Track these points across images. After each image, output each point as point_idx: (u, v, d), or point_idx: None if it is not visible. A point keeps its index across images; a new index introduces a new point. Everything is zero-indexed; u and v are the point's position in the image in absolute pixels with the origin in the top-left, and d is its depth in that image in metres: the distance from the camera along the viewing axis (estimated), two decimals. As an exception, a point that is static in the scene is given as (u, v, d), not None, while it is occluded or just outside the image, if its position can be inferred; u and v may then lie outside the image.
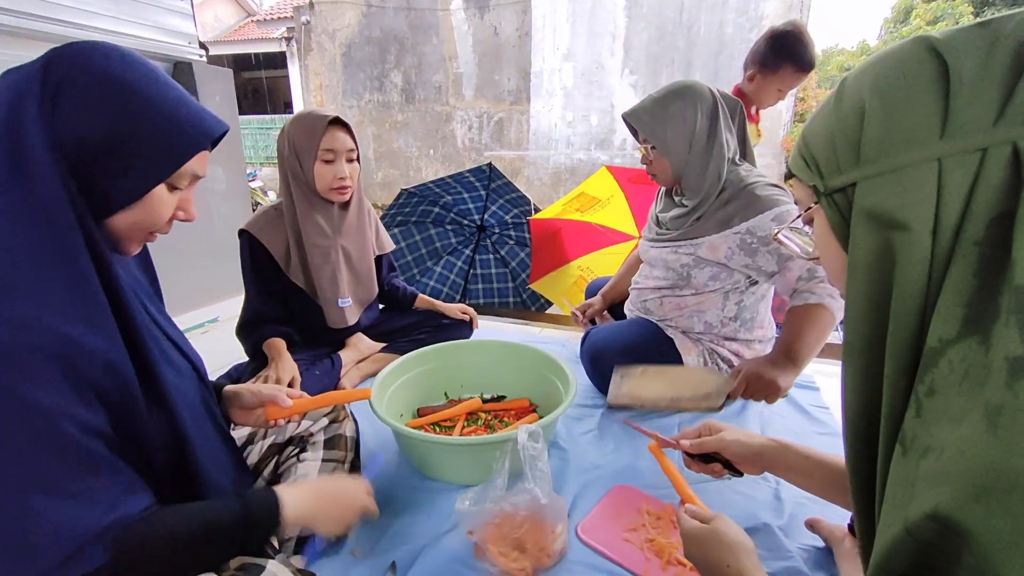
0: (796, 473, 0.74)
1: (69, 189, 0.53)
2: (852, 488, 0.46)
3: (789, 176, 0.51)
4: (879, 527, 0.39)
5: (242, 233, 1.41)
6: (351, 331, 1.56)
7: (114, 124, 0.55)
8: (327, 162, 1.34)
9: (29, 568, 0.48)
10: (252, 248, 1.39)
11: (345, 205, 1.45)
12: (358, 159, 1.40)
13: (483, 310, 2.94)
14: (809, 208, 0.50)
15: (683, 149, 1.21)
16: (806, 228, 0.56)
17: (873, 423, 0.42)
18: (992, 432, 0.32)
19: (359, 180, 1.45)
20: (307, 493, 0.70)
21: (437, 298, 1.85)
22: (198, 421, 0.69)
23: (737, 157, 1.27)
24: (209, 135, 0.62)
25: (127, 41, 1.90)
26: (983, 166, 0.36)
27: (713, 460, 0.81)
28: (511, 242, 3.04)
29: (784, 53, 1.57)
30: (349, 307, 1.50)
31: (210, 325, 2.01)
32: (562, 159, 7.60)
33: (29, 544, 0.48)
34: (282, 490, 0.68)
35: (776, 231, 0.61)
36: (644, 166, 1.32)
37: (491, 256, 3.10)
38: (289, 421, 0.90)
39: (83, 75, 0.55)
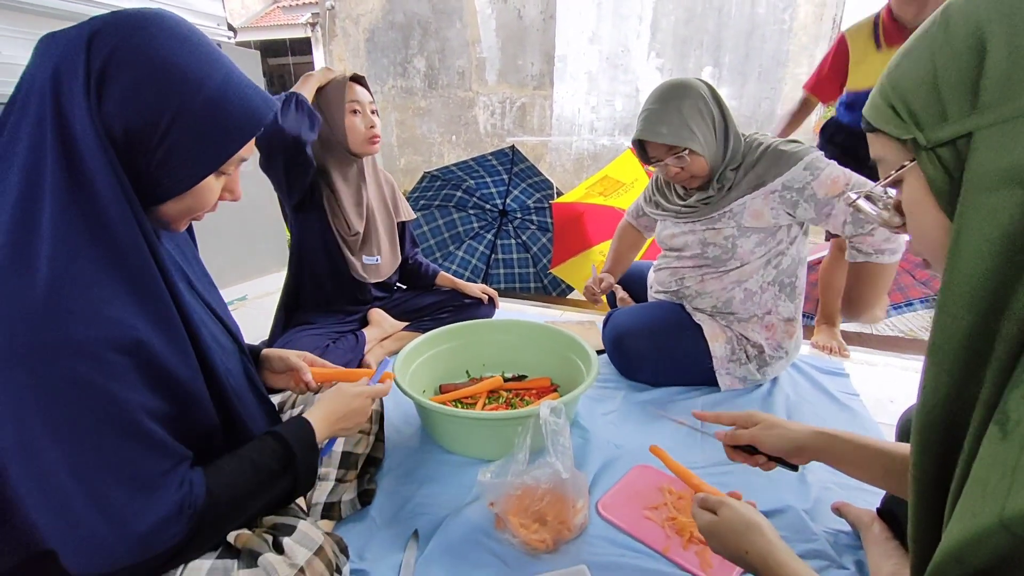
0: (849, 463, 0.69)
1: (121, 181, 0.52)
2: (916, 475, 0.41)
3: (871, 129, 0.44)
4: (958, 514, 0.35)
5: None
6: (374, 305, 1.59)
7: (161, 115, 0.53)
8: (355, 113, 1.38)
9: (108, 554, 0.50)
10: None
11: (371, 166, 1.51)
12: (376, 112, 1.45)
13: (504, 295, 2.94)
14: (902, 167, 0.41)
15: (712, 140, 1.20)
16: (888, 191, 0.47)
17: (964, 407, 0.37)
18: None
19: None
20: (322, 416, 0.74)
21: None
22: (241, 395, 0.70)
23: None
24: (259, 122, 0.60)
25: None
26: None
27: (756, 451, 0.75)
28: (533, 227, 3.03)
29: None
30: (376, 265, 1.54)
31: (239, 303, 2.06)
32: (585, 145, 7.50)
33: (107, 530, 0.50)
34: (311, 415, 0.72)
35: (854, 197, 0.50)
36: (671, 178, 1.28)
37: (513, 241, 3.09)
38: (319, 390, 0.92)
39: (129, 58, 0.51)
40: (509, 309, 2.03)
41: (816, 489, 0.97)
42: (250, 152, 0.63)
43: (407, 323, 1.63)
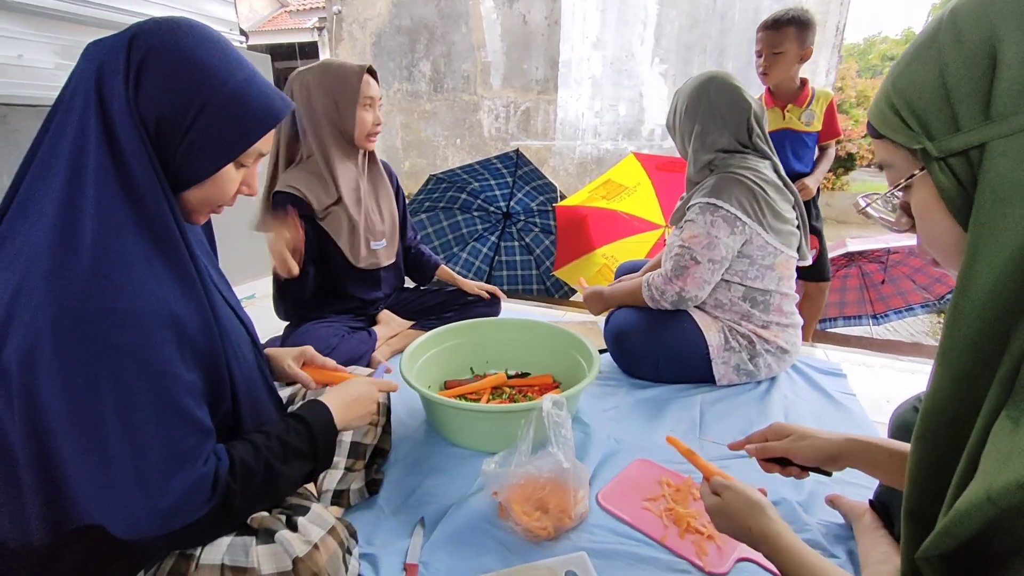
0: (884, 469, 0.68)
1: (154, 164, 0.57)
2: (915, 466, 0.42)
3: (877, 136, 0.44)
4: (958, 502, 0.36)
5: (282, 195, 1.39)
6: (381, 305, 1.62)
7: (190, 104, 0.58)
8: (366, 108, 1.40)
9: (134, 522, 0.53)
10: (295, 207, 1.38)
11: (369, 157, 1.54)
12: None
13: (508, 296, 2.98)
14: (912, 176, 0.41)
15: (676, 136, 1.35)
16: (895, 194, 0.46)
17: (970, 406, 0.38)
18: None
19: None
20: (336, 403, 0.78)
21: None
22: (253, 384, 0.74)
23: (736, 146, 1.32)
24: (276, 116, 0.65)
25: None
26: None
27: (789, 463, 0.75)
28: (536, 229, 3.06)
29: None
30: (383, 249, 1.56)
31: (247, 301, 2.10)
32: (589, 149, 7.54)
33: (139, 497, 0.53)
34: (328, 400, 0.76)
35: (863, 204, 0.51)
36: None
37: (516, 243, 3.12)
38: (327, 385, 0.96)
39: (165, 53, 0.57)
40: (513, 308, 2.06)
41: (810, 483, 1.00)
42: (268, 147, 0.67)
43: (413, 322, 1.66)
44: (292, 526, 0.64)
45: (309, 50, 9.24)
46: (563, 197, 2.81)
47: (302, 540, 0.61)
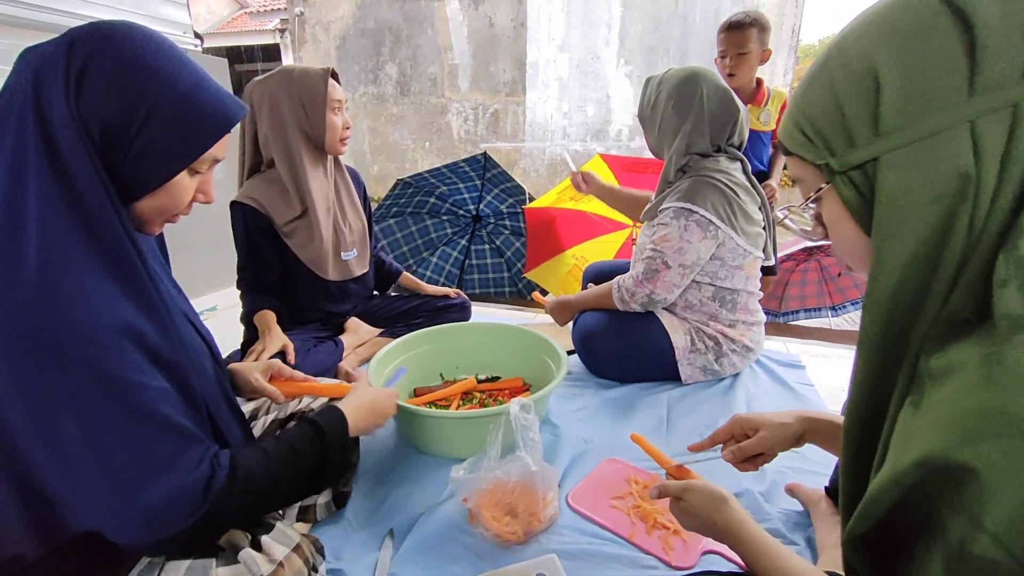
0: (830, 442, 0.72)
1: (100, 174, 0.55)
2: (846, 460, 0.45)
3: (788, 153, 0.48)
4: (870, 485, 0.40)
5: (239, 205, 1.36)
6: (349, 314, 1.60)
7: (136, 111, 0.56)
8: (335, 111, 1.37)
9: (122, 529, 0.52)
10: (252, 220, 1.37)
11: (335, 163, 1.50)
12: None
13: (479, 299, 2.97)
14: (820, 188, 0.45)
15: (655, 131, 1.35)
16: (809, 206, 0.50)
17: (885, 395, 0.41)
18: (987, 381, 0.33)
19: None
20: (353, 408, 0.78)
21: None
22: (213, 399, 0.72)
23: (711, 150, 1.34)
24: (230, 120, 0.63)
25: (122, 32, 1.91)
26: (1016, 124, 0.34)
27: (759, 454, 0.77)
28: (506, 232, 3.07)
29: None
30: (354, 259, 1.54)
31: (209, 313, 2.04)
32: (558, 150, 7.60)
33: (116, 503, 0.52)
34: (342, 406, 0.76)
35: (781, 216, 0.57)
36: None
37: (487, 246, 3.13)
38: (296, 398, 0.94)
39: (106, 59, 0.55)
40: (483, 313, 2.06)
41: (772, 473, 1.03)
42: (223, 153, 0.65)
43: (382, 330, 1.65)
44: (256, 545, 0.62)
45: (270, 52, 9.03)
46: (532, 199, 2.83)
47: (266, 559, 0.60)
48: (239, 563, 0.58)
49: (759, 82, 1.87)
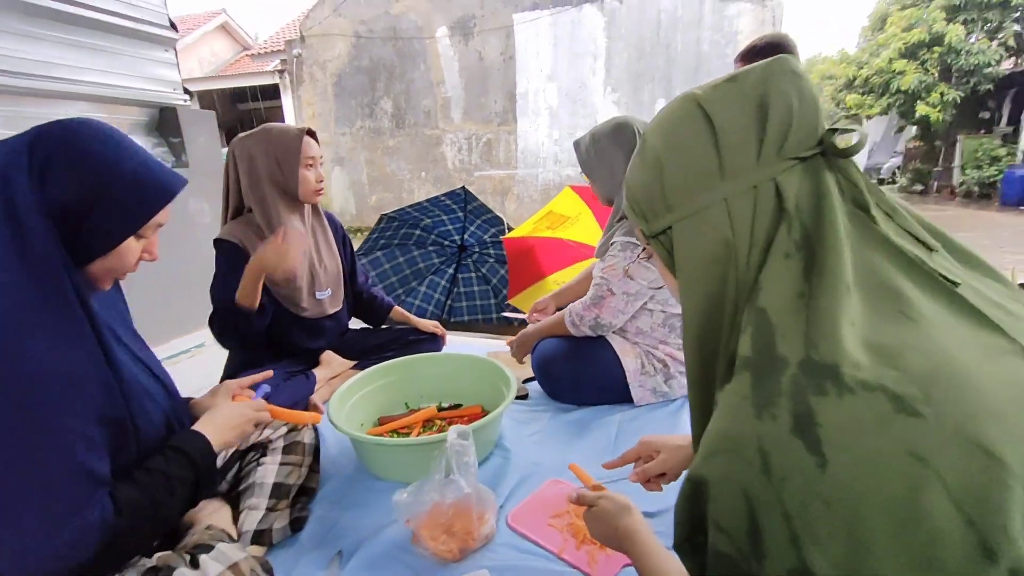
0: None
1: (57, 245, 0.66)
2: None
3: (624, 217, 0.58)
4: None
5: (223, 242, 1.48)
6: (323, 349, 1.69)
7: (90, 192, 0.68)
8: (308, 167, 1.50)
9: (27, 562, 0.60)
10: (235, 256, 1.47)
11: (312, 209, 1.62)
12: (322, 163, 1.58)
13: (468, 327, 3.05)
14: (645, 246, 0.56)
15: (599, 174, 1.42)
16: (643, 258, 0.62)
17: (707, 406, 0.49)
18: (720, 410, 0.42)
19: None
20: (209, 426, 0.83)
21: (423, 316, 2.00)
22: (158, 432, 0.80)
23: None
24: (170, 193, 0.75)
25: (118, 92, 2.07)
26: (757, 199, 0.44)
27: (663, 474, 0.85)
28: (491, 260, 3.17)
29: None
30: (328, 297, 1.64)
31: (196, 350, 2.15)
32: (551, 176, 7.78)
33: (21, 546, 0.60)
34: (200, 428, 0.82)
35: (627, 263, 0.70)
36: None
37: (473, 275, 3.22)
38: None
39: (64, 153, 0.67)
40: (459, 342, 2.15)
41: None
42: (165, 219, 0.77)
43: (355, 362, 1.74)
44: (195, 564, 0.71)
45: (270, 92, 9.38)
46: (510, 228, 2.93)
47: (200, 576, 0.68)
48: (175, 581, 0.67)
49: None
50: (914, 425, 0.35)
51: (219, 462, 1.04)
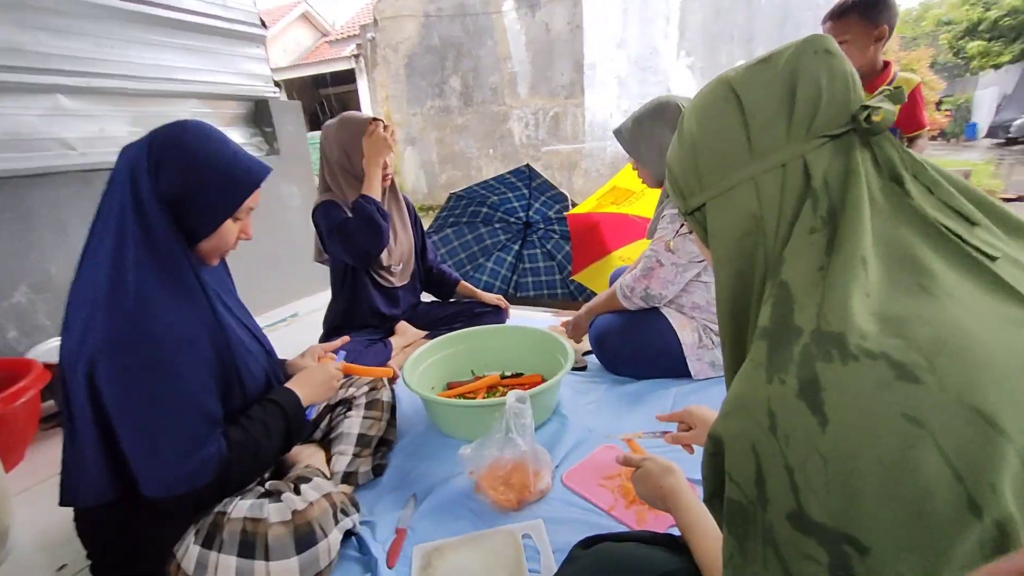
0: None
1: (173, 228, 0.81)
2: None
3: (668, 196, 0.61)
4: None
5: (324, 203, 1.63)
6: (399, 318, 1.86)
7: (192, 183, 0.82)
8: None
9: (168, 481, 0.77)
10: (336, 206, 1.62)
11: (390, 190, 1.77)
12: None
13: (533, 301, 3.14)
14: (683, 222, 0.61)
15: (647, 156, 1.41)
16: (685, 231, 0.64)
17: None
18: (740, 375, 0.45)
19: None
20: (298, 384, 0.97)
21: (490, 291, 2.13)
22: (259, 386, 0.96)
23: None
24: (256, 180, 0.88)
25: (221, 89, 2.32)
26: (785, 178, 0.45)
27: None
28: (556, 236, 3.20)
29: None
30: (399, 271, 1.81)
31: (292, 319, 2.41)
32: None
33: (166, 464, 0.76)
34: (293, 386, 0.97)
35: (671, 237, 0.74)
36: None
37: (538, 251, 3.28)
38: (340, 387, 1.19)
39: (171, 151, 0.82)
40: (522, 315, 2.24)
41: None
42: (256, 202, 0.91)
43: (427, 332, 1.89)
44: (297, 491, 0.86)
45: (347, 76, 9.82)
46: (574, 205, 2.95)
47: (301, 500, 0.83)
48: (283, 501, 0.82)
49: (886, 64, 1.57)
50: (912, 390, 0.38)
51: (313, 414, 1.21)
